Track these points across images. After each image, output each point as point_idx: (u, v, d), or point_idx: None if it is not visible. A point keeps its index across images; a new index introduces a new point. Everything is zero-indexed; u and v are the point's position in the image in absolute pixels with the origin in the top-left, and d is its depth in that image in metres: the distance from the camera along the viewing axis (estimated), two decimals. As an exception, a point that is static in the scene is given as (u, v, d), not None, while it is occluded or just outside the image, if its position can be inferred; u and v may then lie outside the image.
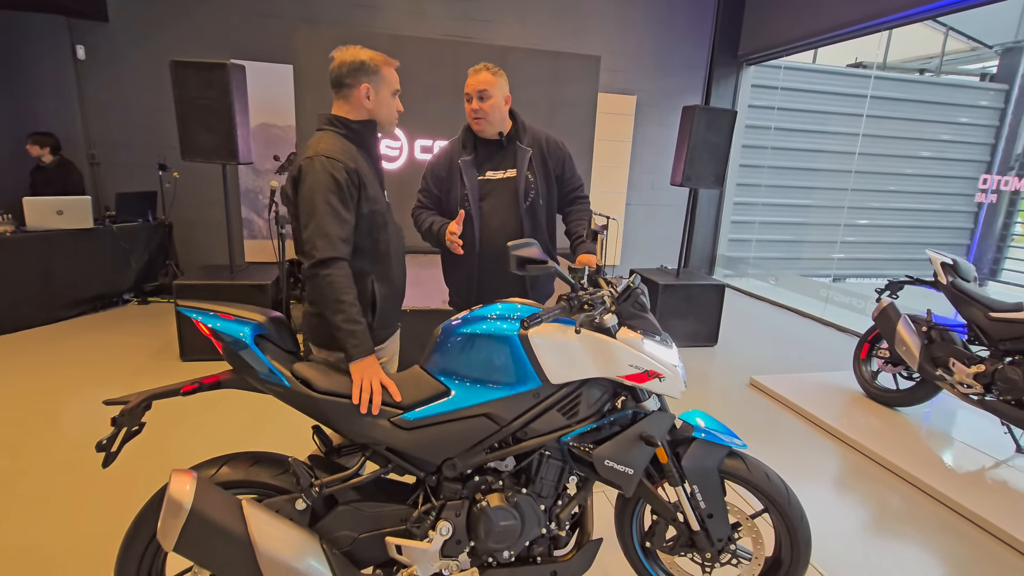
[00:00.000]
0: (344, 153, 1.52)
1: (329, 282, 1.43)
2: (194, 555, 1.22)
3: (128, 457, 2.45)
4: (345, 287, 1.44)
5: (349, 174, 1.50)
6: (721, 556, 1.61)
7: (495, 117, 2.01)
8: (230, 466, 1.38)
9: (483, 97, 1.96)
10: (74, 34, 5.10)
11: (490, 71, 1.99)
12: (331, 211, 1.46)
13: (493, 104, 1.97)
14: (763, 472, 1.55)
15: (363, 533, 1.39)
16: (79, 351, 3.77)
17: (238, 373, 1.37)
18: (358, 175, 1.53)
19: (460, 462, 1.43)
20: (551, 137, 2.15)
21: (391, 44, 4.86)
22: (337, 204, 1.47)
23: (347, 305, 1.43)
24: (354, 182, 1.52)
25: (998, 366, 2.74)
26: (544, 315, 1.38)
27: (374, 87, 1.59)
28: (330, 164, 1.47)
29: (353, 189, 1.52)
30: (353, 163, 1.52)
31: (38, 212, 4.22)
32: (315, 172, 1.46)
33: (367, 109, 1.60)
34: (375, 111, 1.62)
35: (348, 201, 1.50)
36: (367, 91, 1.58)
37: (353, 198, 1.52)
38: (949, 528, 2.32)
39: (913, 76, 8.08)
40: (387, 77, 1.61)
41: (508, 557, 1.47)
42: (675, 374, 1.47)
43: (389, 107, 1.64)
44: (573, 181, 2.18)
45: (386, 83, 1.61)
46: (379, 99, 1.61)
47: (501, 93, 1.99)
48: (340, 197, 1.48)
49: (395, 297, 1.75)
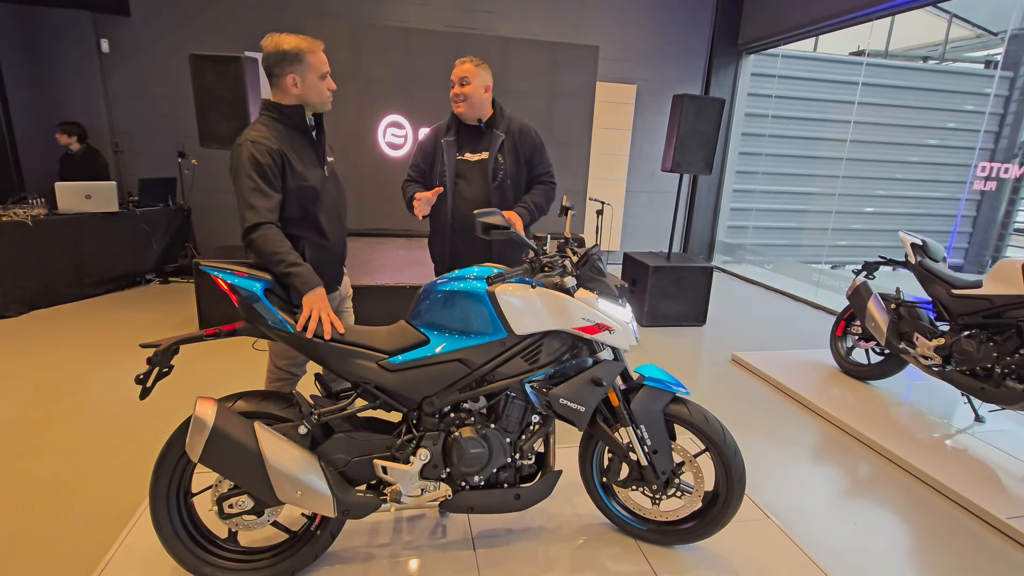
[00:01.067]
0: (268, 137, 1.71)
1: (263, 240, 1.63)
2: (216, 465, 1.49)
3: (152, 405, 2.75)
4: (277, 241, 1.64)
5: (271, 155, 1.69)
6: (668, 489, 1.85)
7: (474, 100, 2.26)
8: (244, 400, 1.64)
9: (463, 83, 2.23)
10: (98, 28, 5.41)
11: (473, 63, 2.25)
12: (255, 186, 1.66)
13: (472, 89, 2.23)
14: (702, 414, 1.78)
15: (355, 457, 1.66)
16: (107, 325, 4.10)
17: (251, 322, 1.63)
18: (281, 155, 1.72)
19: (437, 400, 1.68)
20: (525, 125, 2.39)
21: (397, 36, 5.09)
22: (259, 180, 1.66)
23: (284, 254, 1.63)
24: (276, 162, 1.70)
25: (956, 339, 2.92)
26: (508, 274, 1.62)
27: (299, 75, 1.75)
28: (253, 147, 1.68)
29: (276, 168, 1.70)
30: (276, 144, 1.71)
31: (69, 196, 4.54)
32: (240, 156, 1.68)
33: (295, 95, 1.77)
34: (303, 96, 1.78)
35: (271, 178, 1.69)
36: (293, 80, 1.75)
37: (276, 175, 1.71)
38: (912, 494, 2.45)
39: (911, 63, 8.09)
40: (312, 62, 1.75)
41: (478, 482, 1.72)
42: (625, 328, 1.71)
43: (318, 90, 1.79)
44: (541, 167, 2.40)
45: (311, 68, 1.76)
46: (306, 85, 1.76)
47: (481, 82, 2.25)
48: (261, 175, 1.67)
49: (331, 259, 1.93)
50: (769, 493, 2.39)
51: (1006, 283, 2.76)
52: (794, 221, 8.29)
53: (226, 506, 1.61)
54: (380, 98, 5.20)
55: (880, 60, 7.93)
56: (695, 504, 1.87)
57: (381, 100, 5.20)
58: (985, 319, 2.83)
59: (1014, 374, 2.69)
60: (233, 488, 1.62)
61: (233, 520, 1.63)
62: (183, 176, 5.63)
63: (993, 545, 2.13)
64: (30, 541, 1.90)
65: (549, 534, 2.01)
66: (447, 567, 1.83)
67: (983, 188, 7.30)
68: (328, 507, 1.60)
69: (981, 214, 7.94)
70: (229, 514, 1.62)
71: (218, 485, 1.63)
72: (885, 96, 7.73)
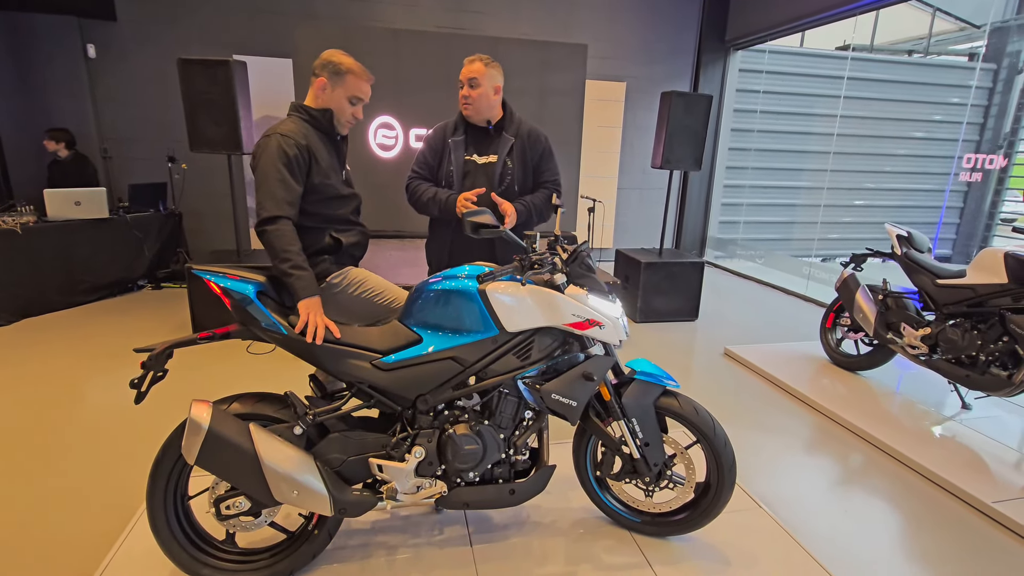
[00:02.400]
0: (298, 132, 1.78)
1: (276, 236, 1.67)
2: (212, 467, 1.51)
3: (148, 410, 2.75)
4: (290, 240, 1.68)
5: (299, 149, 1.76)
6: (660, 481, 1.88)
7: (482, 104, 2.22)
8: (239, 402, 1.66)
9: (473, 85, 2.19)
10: (84, 34, 5.38)
11: (483, 62, 2.19)
12: (279, 178, 1.70)
13: (481, 93, 2.19)
14: (692, 407, 1.81)
15: (351, 456, 1.67)
16: (100, 332, 4.09)
17: (244, 325, 1.64)
18: (308, 151, 1.78)
19: (431, 398, 1.70)
20: (534, 130, 2.35)
21: (386, 37, 5.09)
22: (285, 172, 1.71)
23: (292, 254, 1.67)
24: (303, 156, 1.77)
25: (942, 328, 2.97)
26: (498, 272, 1.64)
27: (331, 84, 1.84)
28: (283, 140, 1.74)
29: (303, 162, 1.77)
30: (305, 140, 1.78)
31: (58, 203, 4.51)
32: (269, 146, 1.73)
33: (320, 100, 1.86)
34: (325, 103, 1.86)
35: (296, 172, 1.74)
36: (323, 84, 1.84)
37: (302, 170, 1.77)
38: (901, 481, 2.49)
39: (896, 57, 8.18)
40: (350, 83, 1.85)
41: (473, 478, 1.75)
42: (615, 324, 1.73)
43: (340, 107, 1.88)
44: (548, 174, 2.38)
45: (345, 86, 1.85)
46: (332, 96, 1.85)
47: (491, 83, 2.20)
48: (288, 167, 1.72)
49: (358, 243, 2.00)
50: (761, 483, 2.42)
51: (989, 272, 2.81)
52: (784, 215, 8.36)
53: (223, 508, 1.62)
54: (370, 100, 5.20)
55: (865, 54, 8.00)
56: (687, 495, 1.90)
57: (371, 101, 5.18)
58: (969, 308, 2.88)
59: (998, 361, 2.75)
60: (230, 490, 1.63)
61: (230, 521, 1.65)
62: (173, 181, 5.61)
63: (979, 529, 2.18)
64: (29, 546, 1.91)
65: (545, 528, 2.04)
66: (444, 563, 1.85)
67: (969, 179, 7.38)
68: (325, 506, 1.61)
69: (968, 205, 8.03)
70: (226, 515, 1.63)
71: (215, 487, 1.64)
72: (871, 90, 7.81)
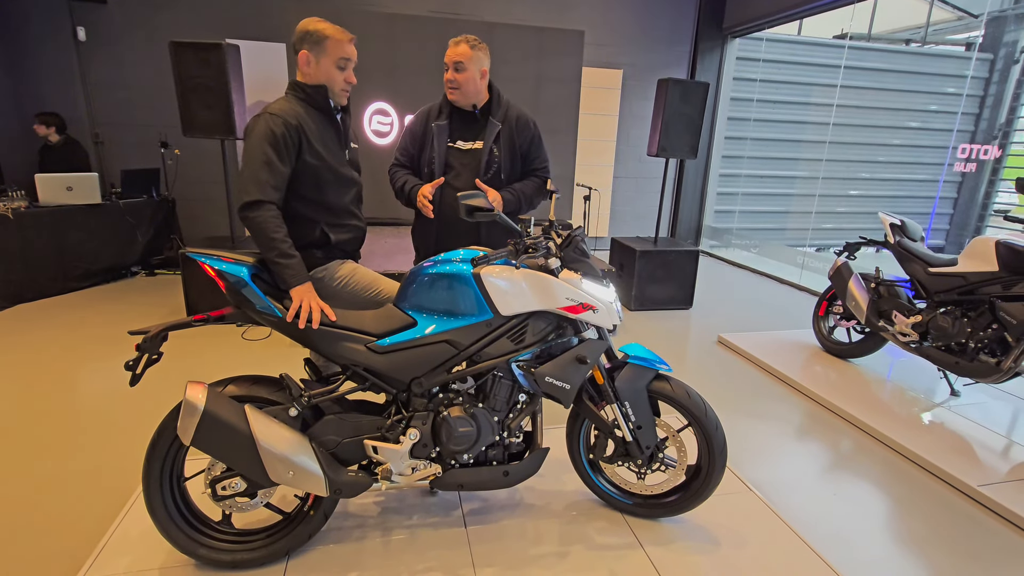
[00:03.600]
0: (288, 112, 1.72)
1: (260, 223, 1.63)
2: (208, 448, 1.52)
3: (143, 393, 2.76)
4: (275, 227, 1.64)
5: (288, 129, 1.70)
6: (652, 463, 1.91)
7: (469, 89, 2.14)
8: (235, 384, 1.66)
9: (458, 68, 2.10)
10: (74, 16, 5.29)
11: (469, 44, 2.10)
12: (265, 160, 1.66)
13: (468, 77, 2.11)
14: (684, 390, 1.84)
15: (346, 438, 1.69)
16: (94, 318, 4.07)
17: (239, 307, 1.64)
18: (299, 130, 1.73)
19: (426, 381, 1.71)
20: (523, 115, 2.27)
21: (381, 21, 5.04)
22: (271, 153, 1.66)
23: (279, 242, 1.64)
24: (292, 137, 1.71)
25: (932, 316, 3.00)
26: (492, 256, 1.65)
27: (314, 55, 1.76)
28: (271, 119, 1.69)
29: (291, 142, 1.71)
30: (296, 120, 1.72)
31: (50, 188, 4.47)
32: (257, 126, 1.69)
33: (307, 75, 1.79)
34: (316, 78, 1.79)
35: (284, 153, 1.69)
36: (307, 58, 1.77)
37: (291, 150, 1.71)
38: (890, 466, 2.53)
39: (893, 46, 8.16)
40: (331, 48, 1.77)
41: (467, 460, 1.76)
42: (608, 308, 1.75)
43: (329, 75, 1.79)
44: (537, 161, 2.31)
45: (327, 53, 1.77)
46: (318, 68, 1.78)
47: (477, 67, 2.12)
48: (275, 148, 1.67)
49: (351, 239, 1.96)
50: (752, 468, 2.46)
51: (980, 260, 2.84)
52: (780, 205, 8.38)
53: (219, 488, 1.63)
54: (365, 85, 5.14)
55: (863, 43, 7.98)
56: (679, 478, 1.93)
57: (366, 87, 5.15)
58: (960, 296, 2.91)
59: (987, 348, 2.78)
60: (226, 471, 1.64)
61: (227, 502, 1.66)
62: (166, 167, 5.56)
63: (966, 511, 2.22)
64: (26, 529, 1.92)
65: (538, 510, 2.06)
66: (439, 544, 1.87)
67: (963, 170, 7.41)
68: (320, 487, 1.63)
69: (962, 195, 8.07)
70: (222, 496, 1.64)
71: (211, 468, 1.65)
72: (868, 79, 7.80)
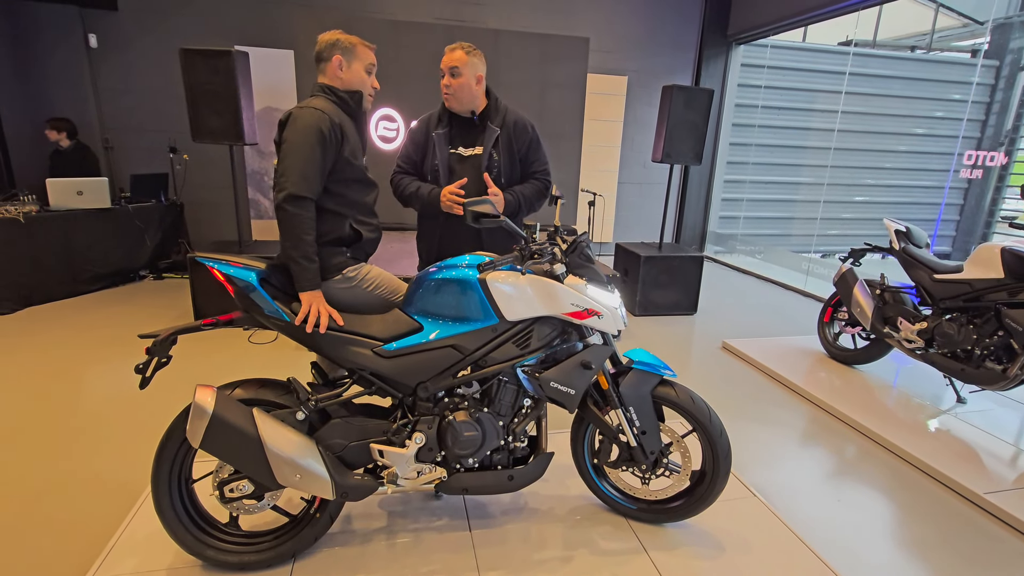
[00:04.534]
0: (332, 111, 1.75)
1: (298, 220, 1.64)
2: (216, 450, 1.54)
3: (151, 396, 2.78)
4: (309, 227, 1.66)
5: (333, 127, 1.71)
6: (656, 469, 1.91)
7: (464, 95, 2.17)
8: (242, 388, 1.68)
9: (454, 74, 2.13)
10: (86, 23, 5.37)
11: (464, 50, 2.12)
12: (310, 154, 1.66)
13: (463, 82, 2.14)
14: (689, 396, 1.84)
15: (352, 441, 1.70)
16: (103, 321, 4.11)
17: (247, 312, 1.67)
18: (341, 129, 1.75)
19: (431, 385, 1.72)
20: (520, 119, 2.29)
21: (386, 28, 5.09)
22: (318, 149, 1.67)
23: (307, 244, 1.66)
24: (336, 135, 1.73)
25: (938, 323, 3.00)
26: (498, 262, 1.66)
27: (347, 60, 1.82)
28: (318, 115, 1.70)
29: (335, 141, 1.73)
30: (338, 119, 1.75)
31: (60, 193, 4.53)
32: (304, 118, 1.69)
33: (341, 79, 1.83)
34: (349, 82, 1.84)
35: (327, 150, 1.71)
36: (339, 63, 1.81)
37: (333, 149, 1.73)
38: (896, 473, 2.52)
39: (898, 53, 8.16)
40: (360, 54, 1.84)
41: (473, 464, 1.78)
42: (613, 314, 1.76)
43: (362, 80, 1.86)
44: (536, 164, 2.33)
45: (359, 58, 1.83)
46: (351, 71, 1.83)
47: (472, 72, 2.14)
48: (322, 144, 1.68)
49: (374, 240, 2.00)
50: (756, 473, 2.46)
51: (985, 267, 2.83)
52: (784, 211, 8.37)
53: (227, 491, 1.65)
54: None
55: (868, 50, 7.99)
56: (683, 483, 1.93)
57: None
58: (965, 303, 2.90)
59: (993, 355, 2.77)
60: (233, 473, 1.66)
61: (234, 504, 1.68)
62: (175, 171, 5.62)
63: (971, 519, 2.21)
64: (35, 529, 1.94)
65: (543, 515, 2.07)
66: (443, 547, 1.88)
67: (969, 176, 7.39)
68: (327, 490, 1.64)
69: (968, 202, 8.04)
70: (230, 498, 1.66)
71: (219, 471, 1.67)
72: (873, 85, 7.80)
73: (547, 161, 2.36)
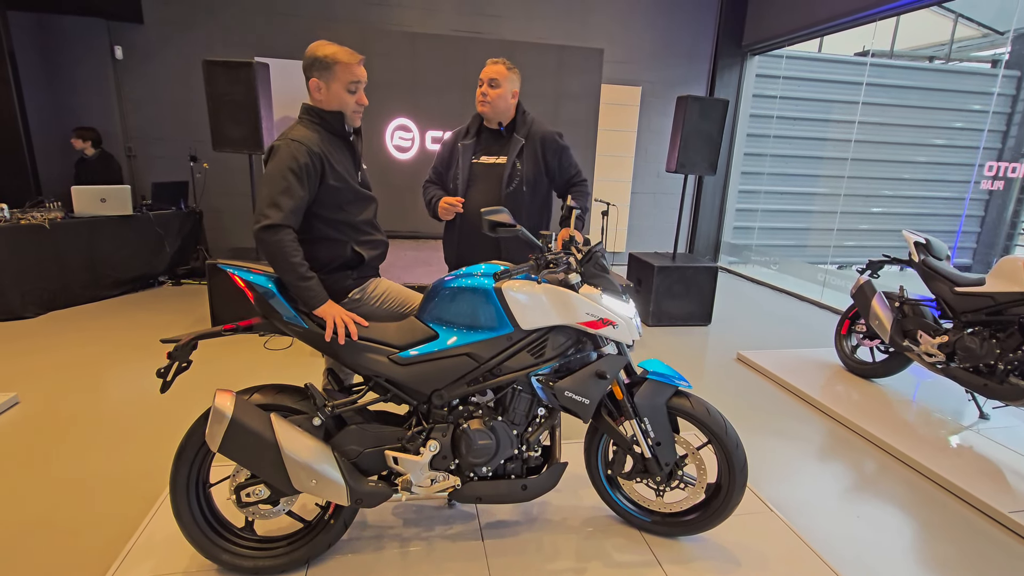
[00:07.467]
0: (311, 139, 1.73)
1: (279, 247, 1.63)
2: (234, 455, 1.55)
3: (170, 401, 2.82)
4: (292, 250, 1.65)
5: (311, 157, 1.70)
6: (671, 480, 1.90)
7: (500, 105, 2.28)
8: (260, 393, 1.71)
9: (493, 84, 2.26)
10: (112, 35, 5.53)
11: (505, 66, 2.27)
12: (285, 186, 1.66)
13: (500, 94, 2.26)
14: (704, 407, 1.83)
15: (367, 448, 1.71)
16: (123, 325, 4.19)
17: (267, 318, 1.69)
18: (322, 158, 1.74)
19: (446, 393, 1.73)
20: (549, 132, 2.38)
21: (404, 40, 5.17)
22: (293, 180, 1.67)
23: (297, 265, 1.65)
24: (316, 165, 1.72)
25: (959, 336, 2.94)
26: (514, 271, 1.67)
27: (324, 81, 1.76)
28: (295, 147, 1.70)
29: (314, 170, 1.72)
30: (318, 148, 1.73)
31: (85, 200, 4.64)
32: (280, 152, 1.69)
33: (320, 100, 1.79)
34: (326, 103, 1.79)
35: (305, 180, 1.70)
36: (316, 85, 1.77)
37: (313, 178, 1.73)
38: (916, 489, 2.46)
39: (916, 63, 8.09)
40: (340, 74, 1.76)
41: (486, 472, 1.78)
42: (628, 324, 1.76)
43: (341, 100, 1.79)
44: (569, 170, 2.43)
45: (337, 78, 1.76)
46: (329, 93, 1.78)
47: (510, 87, 2.27)
48: (297, 175, 1.67)
49: (379, 255, 1.99)
50: (772, 488, 2.42)
51: (1009, 280, 2.78)
52: (800, 221, 8.29)
53: (243, 495, 1.67)
54: (387, 102, 5.27)
55: (885, 60, 7.93)
56: (698, 496, 1.91)
57: (388, 104, 5.28)
58: (988, 316, 2.85)
59: (1017, 370, 2.71)
60: (250, 478, 1.68)
61: (250, 509, 1.70)
62: (195, 180, 5.73)
63: (995, 538, 2.16)
64: (55, 530, 1.97)
65: (555, 525, 2.06)
66: (456, 556, 1.88)
67: (991, 188, 7.27)
68: (342, 496, 1.65)
69: (989, 214, 7.91)
70: (246, 503, 1.68)
71: (236, 475, 1.69)
72: (890, 96, 7.72)
73: (579, 164, 2.48)
